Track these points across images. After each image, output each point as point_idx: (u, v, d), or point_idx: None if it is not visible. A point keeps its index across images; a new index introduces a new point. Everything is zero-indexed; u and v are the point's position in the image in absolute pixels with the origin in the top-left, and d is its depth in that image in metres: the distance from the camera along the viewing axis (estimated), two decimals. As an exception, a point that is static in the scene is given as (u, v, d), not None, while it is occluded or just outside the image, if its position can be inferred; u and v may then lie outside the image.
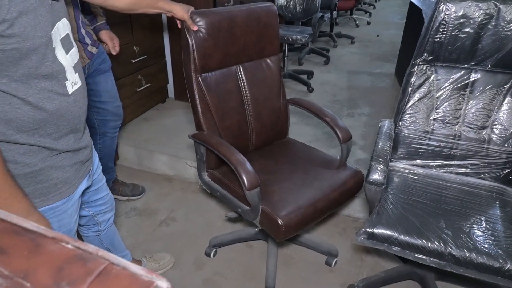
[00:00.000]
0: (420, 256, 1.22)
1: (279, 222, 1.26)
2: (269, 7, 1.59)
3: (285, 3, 3.44)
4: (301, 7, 3.39)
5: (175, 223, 1.99)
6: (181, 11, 1.33)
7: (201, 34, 1.39)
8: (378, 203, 1.36)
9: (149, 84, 2.65)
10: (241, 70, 1.57)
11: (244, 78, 1.57)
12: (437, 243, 1.20)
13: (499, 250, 1.17)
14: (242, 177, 1.23)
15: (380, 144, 1.41)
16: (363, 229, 1.29)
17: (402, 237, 1.24)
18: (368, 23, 6.28)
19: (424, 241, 1.22)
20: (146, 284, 0.31)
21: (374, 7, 7.79)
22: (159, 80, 2.83)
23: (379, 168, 1.31)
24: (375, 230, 1.26)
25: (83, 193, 1.07)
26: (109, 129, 1.81)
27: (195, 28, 1.37)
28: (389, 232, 1.25)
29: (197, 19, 1.38)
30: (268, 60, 1.64)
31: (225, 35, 1.46)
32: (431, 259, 1.21)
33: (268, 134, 1.69)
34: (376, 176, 1.30)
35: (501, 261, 1.14)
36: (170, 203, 2.12)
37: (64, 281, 0.31)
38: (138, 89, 2.56)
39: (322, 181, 1.44)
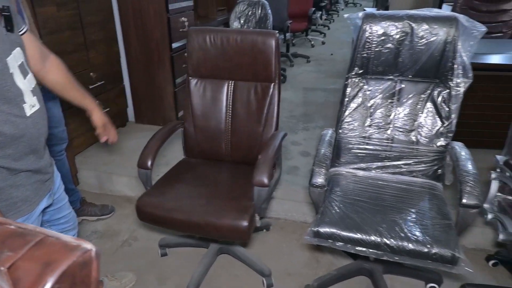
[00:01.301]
0: (360, 248, 1.35)
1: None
2: (267, 35, 1.68)
3: (239, 26, 3.62)
4: (255, 29, 3.58)
5: (137, 242, 2.02)
6: (99, 118, 1.38)
7: (195, 45, 1.74)
8: (323, 204, 1.48)
9: (108, 109, 2.69)
10: (232, 86, 1.78)
11: (232, 93, 1.78)
12: (374, 236, 1.34)
13: (427, 237, 1.32)
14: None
15: (322, 150, 1.54)
16: (309, 229, 1.40)
17: (344, 233, 1.36)
18: (323, 43, 6.64)
19: (363, 235, 1.35)
20: (74, 247, 0.40)
21: (329, 28, 8.23)
22: (118, 105, 2.88)
23: (321, 172, 1.44)
24: (320, 229, 1.38)
25: (45, 212, 1.11)
26: (55, 153, 1.86)
27: (102, 140, 1.43)
28: (332, 230, 1.37)
29: (193, 34, 1.75)
30: (260, 86, 1.75)
31: (216, 51, 1.74)
32: (370, 250, 1.34)
33: (244, 152, 1.80)
34: (318, 179, 1.43)
35: (428, 246, 1.28)
36: (131, 223, 2.15)
37: (5, 249, 0.39)
38: (97, 114, 2.59)
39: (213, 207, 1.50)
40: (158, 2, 2.64)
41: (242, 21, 3.65)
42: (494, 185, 1.56)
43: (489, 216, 1.55)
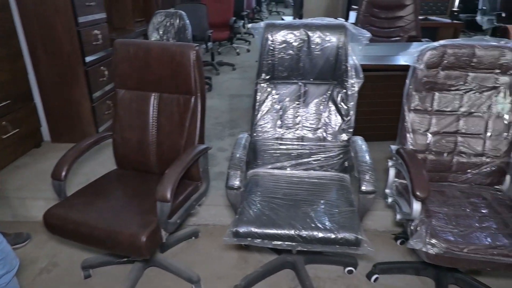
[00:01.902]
0: (276, 242, 1.43)
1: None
2: (185, 48, 1.67)
3: (158, 37, 3.60)
4: (174, 40, 3.59)
5: (57, 267, 1.91)
6: None
7: (120, 57, 1.76)
8: (240, 205, 1.55)
9: (17, 130, 2.52)
10: (157, 98, 1.78)
11: (157, 105, 1.78)
12: (287, 229, 1.43)
13: (334, 224, 1.44)
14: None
15: (237, 154, 1.62)
16: (228, 230, 1.46)
17: (260, 230, 1.44)
18: (248, 50, 6.84)
19: (278, 229, 1.43)
20: None
21: (253, 36, 8.49)
22: (29, 124, 2.70)
23: (236, 174, 1.51)
24: (238, 229, 1.44)
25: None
26: None
27: None
28: (249, 228, 1.44)
29: (118, 46, 1.75)
30: (182, 98, 1.74)
31: (140, 63, 1.74)
32: (286, 243, 1.43)
33: (168, 164, 1.77)
34: (234, 181, 1.49)
35: (335, 232, 1.41)
36: (50, 248, 2.03)
37: None
38: (4, 136, 2.41)
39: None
40: (66, 15, 2.54)
41: (161, 32, 3.63)
42: (392, 172, 1.76)
43: (389, 200, 1.74)
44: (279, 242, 1.43)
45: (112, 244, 1.43)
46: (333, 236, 1.41)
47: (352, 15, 4.23)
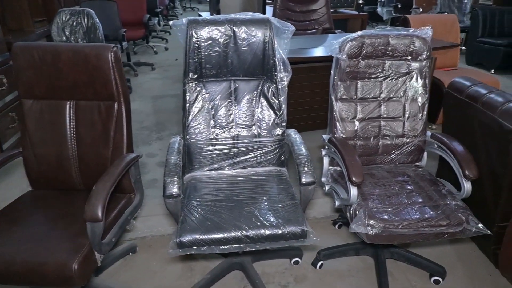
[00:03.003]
0: (224, 246, 1.38)
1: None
2: (101, 49, 1.52)
3: (64, 38, 3.26)
4: (84, 41, 3.28)
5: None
6: None
7: (22, 63, 1.55)
8: (182, 213, 1.47)
9: None
10: (74, 107, 1.60)
11: (74, 114, 1.61)
12: (234, 231, 1.39)
13: (279, 220, 1.44)
14: None
15: (171, 160, 1.52)
16: (172, 241, 1.37)
17: (206, 236, 1.37)
18: (166, 48, 6.58)
19: (224, 233, 1.38)
20: None
21: (170, 34, 8.19)
22: None
23: (173, 182, 1.42)
24: (182, 239, 1.36)
25: None
26: None
27: None
28: (194, 236, 1.37)
29: (18, 51, 1.54)
30: (103, 105, 1.58)
31: (48, 68, 1.56)
32: (233, 245, 1.39)
33: (96, 179, 1.57)
34: (172, 189, 1.40)
35: (282, 227, 1.41)
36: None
37: None
38: None
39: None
40: None
41: (67, 33, 3.29)
42: (326, 160, 1.83)
43: (326, 187, 1.80)
44: (227, 246, 1.39)
45: (36, 279, 1.25)
46: (280, 231, 1.40)
47: (269, 10, 4.29)
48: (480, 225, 1.49)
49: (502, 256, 1.73)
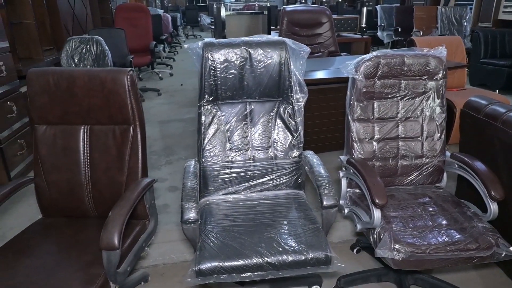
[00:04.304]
0: (245, 274, 1.32)
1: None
2: (117, 74, 1.50)
3: (73, 65, 3.29)
4: (93, 67, 3.31)
5: None
6: None
7: (37, 89, 1.53)
8: (200, 239, 1.41)
9: None
10: (88, 131, 1.58)
11: (88, 139, 1.58)
12: (255, 258, 1.33)
13: (302, 245, 1.38)
14: None
15: (188, 183, 1.48)
16: (190, 269, 1.30)
17: (226, 263, 1.31)
18: (171, 74, 6.65)
19: (245, 260, 1.32)
20: None
21: (174, 60, 8.33)
22: None
23: (191, 207, 1.37)
24: (201, 266, 1.30)
25: None
26: None
27: None
28: (214, 264, 1.31)
29: (33, 77, 1.53)
30: (118, 129, 1.55)
31: (63, 94, 1.54)
32: (254, 273, 1.32)
33: (110, 206, 1.51)
34: (190, 214, 1.35)
35: (305, 253, 1.35)
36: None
37: None
38: None
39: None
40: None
41: (76, 60, 3.32)
42: (344, 182, 1.78)
43: (346, 210, 1.74)
44: (248, 274, 1.32)
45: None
46: (303, 257, 1.34)
47: (274, 35, 4.36)
48: (511, 248, 1.43)
49: (533, 280, 1.65)
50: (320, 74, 2.72)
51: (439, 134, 1.80)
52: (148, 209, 1.58)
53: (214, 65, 1.62)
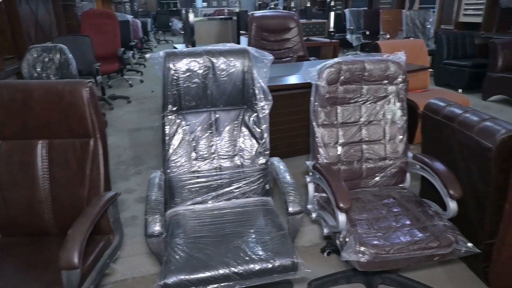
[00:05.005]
0: (212, 286, 1.30)
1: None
2: (75, 86, 1.47)
3: (35, 75, 3.18)
4: (56, 77, 3.21)
5: None
6: None
7: None
8: (165, 253, 1.38)
9: None
10: (46, 146, 1.53)
11: (47, 154, 1.53)
12: (222, 269, 1.32)
13: (269, 253, 1.38)
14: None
15: (152, 196, 1.45)
16: (155, 284, 1.28)
17: (192, 276, 1.29)
18: (141, 81, 6.55)
19: (211, 271, 1.31)
20: None
21: (145, 66, 8.20)
22: None
23: (155, 220, 1.35)
24: (167, 281, 1.27)
25: None
26: None
27: None
28: (180, 277, 1.29)
29: None
30: (78, 143, 1.51)
31: (19, 108, 1.48)
32: (222, 284, 1.31)
33: (71, 222, 1.47)
34: (154, 228, 1.33)
35: (271, 261, 1.35)
36: None
37: None
38: None
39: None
40: None
41: (39, 69, 3.21)
42: (311, 187, 1.80)
43: (313, 215, 1.76)
44: (215, 285, 1.31)
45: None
46: (270, 265, 1.34)
47: (243, 40, 4.38)
48: (469, 245, 1.48)
49: (492, 273, 1.72)
50: (287, 80, 2.74)
51: (400, 137, 1.85)
52: (113, 224, 1.54)
53: (176, 74, 1.61)
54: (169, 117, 1.66)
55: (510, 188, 1.55)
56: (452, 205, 1.58)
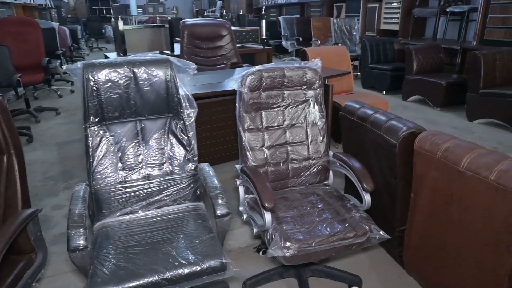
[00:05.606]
0: (141, 295, 1.31)
1: None
2: None
3: None
4: (-31, 90, 2.96)
5: None
6: None
7: None
8: (91, 266, 1.36)
9: None
10: None
11: None
12: (150, 276, 1.33)
13: (198, 256, 1.42)
14: None
15: (75, 210, 1.42)
16: (81, 299, 1.26)
17: (119, 287, 1.29)
18: (72, 91, 6.22)
19: (139, 280, 1.31)
20: None
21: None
22: None
23: (79, 233, 1.32)
24: (93, 294, 1.26)
25: None
26: None
27: None
28: (107, 289, 1.28)
29: None
30: None
31: None
32: (151, 292, 1.33)
33: None
34: (77, 241, 1.30)
35: (200, 264, 1.39)
36: None
37: None
38: None
39: None
40: None
41: None
42: (241, 190, 1.87)
43: (244, 216, 1.83)
44: (144, 294, 1.32)
45: None
46: (199, 268, 1.38)
47: (177, 47, 4.37)
48: (381, 232, 1.64)
49: (405, 257, 1.92)
50: (218, 87, 2.80)
51: (321, 137, 2.00)
52: (34, 242, 1.48)
53: (96, 85, 1.59)
54: (92, 128, 1.64)
55: (413, 179, 1.75)
56: (367, 198, 1.74)
